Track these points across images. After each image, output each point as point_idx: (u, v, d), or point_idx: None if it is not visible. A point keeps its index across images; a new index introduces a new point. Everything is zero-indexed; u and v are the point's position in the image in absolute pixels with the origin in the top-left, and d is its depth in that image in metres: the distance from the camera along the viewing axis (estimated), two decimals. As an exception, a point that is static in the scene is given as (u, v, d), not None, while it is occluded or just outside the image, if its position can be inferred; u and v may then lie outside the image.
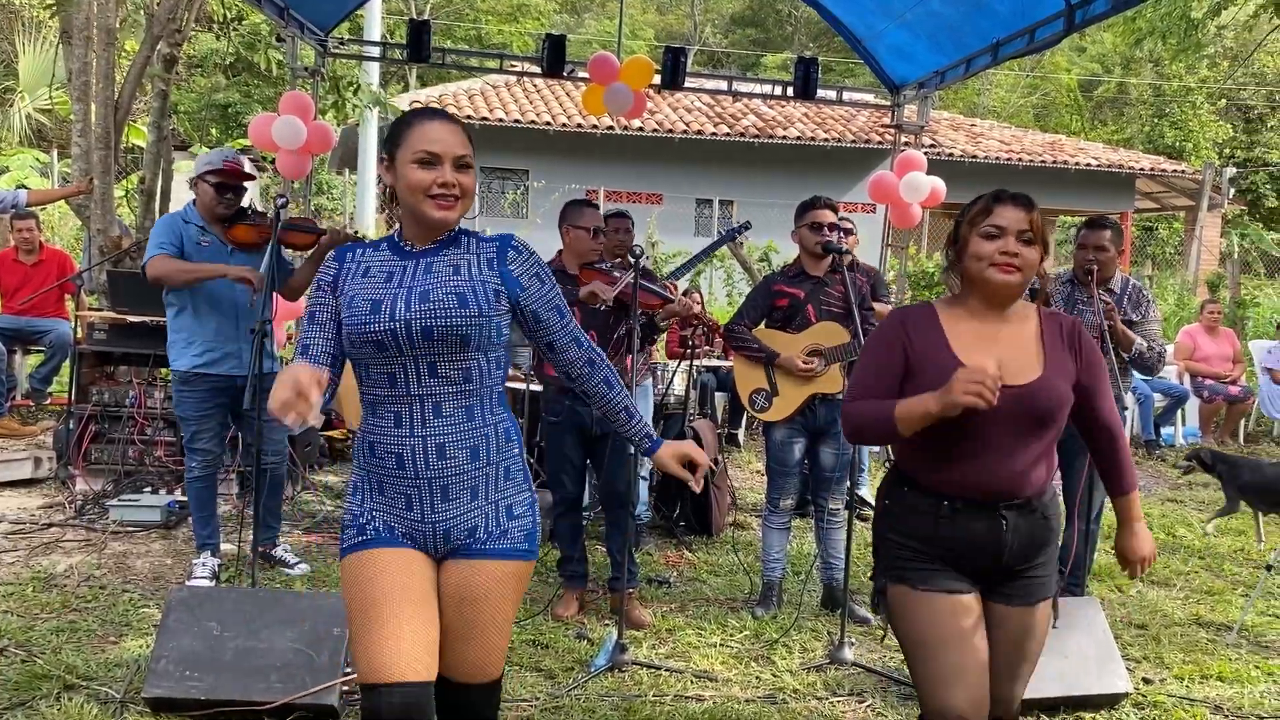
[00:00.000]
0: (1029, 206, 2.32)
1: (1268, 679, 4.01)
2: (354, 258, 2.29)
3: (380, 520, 2.23)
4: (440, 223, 2.21)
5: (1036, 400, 2.30)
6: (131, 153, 15.03)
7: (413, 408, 2.18)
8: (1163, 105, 27.51)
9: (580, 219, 4.44)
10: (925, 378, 2.30)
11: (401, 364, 2.18)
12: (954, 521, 2.33)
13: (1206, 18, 14.84)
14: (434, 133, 2.18)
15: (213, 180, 4.46)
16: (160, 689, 3.24)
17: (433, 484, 2.19)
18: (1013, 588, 2.37)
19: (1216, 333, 9.79)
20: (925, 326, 2.37)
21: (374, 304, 2.18)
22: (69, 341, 6.95)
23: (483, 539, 2.23)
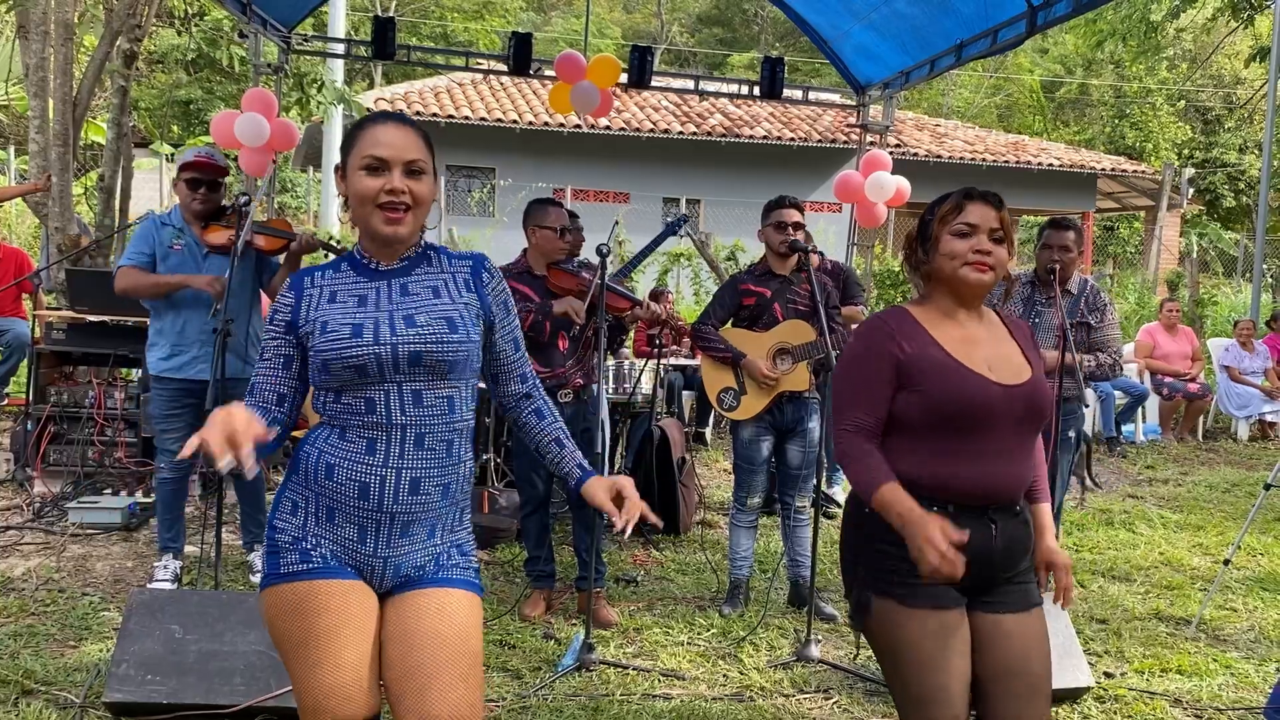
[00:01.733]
0: (999, 204, 2.30)
1: (1226, 672, 4.08)
2: (313, 283, 2.12)
3: (325, 549, 2.05)
4: (389, 237, 2.06)
5: (1035, 399, 2.27)
6: (91, 150, 14.83)
7: (392, 436, 2.03)
8: (1123, 106, 27.91)
9: (546, 219, 4.43)
10: (927, 384, 2.22)
11: (383, 390, 2.03)
12: None
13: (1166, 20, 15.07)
14: (383, 136, 2.03)
15: (185, 176, 4.41)
16: (121, 693, 3.19)
17: (395, 518, 2.04)
18: (1002, 595, 2.28)
19: (1175, 331, 9.94)
20: (911, 332, 2.28)
21: (355, 329, 2.03)
22: (27, 341, 6.84)
23: (433, 571, 2.09)
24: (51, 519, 5.39)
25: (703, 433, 8.46)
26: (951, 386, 2.20)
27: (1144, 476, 8.09)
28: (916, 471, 2.23)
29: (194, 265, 4.38)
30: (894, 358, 2.25)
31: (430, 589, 2.07)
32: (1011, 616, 2.27)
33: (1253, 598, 5.04)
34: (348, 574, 2.05)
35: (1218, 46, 24.74)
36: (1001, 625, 2.26)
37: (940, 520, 2.11)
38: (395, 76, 24.12)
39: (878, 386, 2.26)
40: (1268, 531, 6.26)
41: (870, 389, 2.27)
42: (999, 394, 2.22)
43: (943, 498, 2.22)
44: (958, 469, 2.21)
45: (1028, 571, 2.34)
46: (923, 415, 2.23)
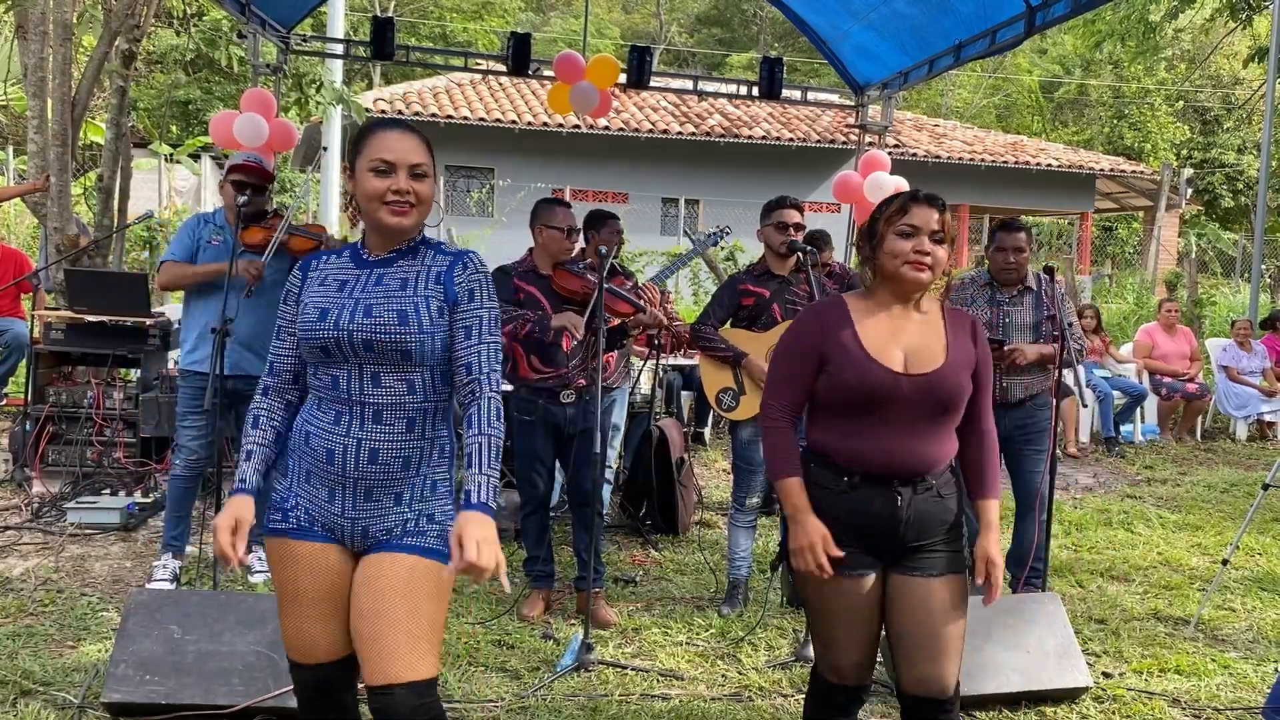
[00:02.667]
0: (942, 207, 2.47)
1: (1224, 672, 4.08)
2: (317, 266, 2.37)
3: (302, 508, 2.30)
4: (395, 228, 2.27)
5: (939, 387, 2.46)
6: (90, 150, 14.82)
7: (353, 410, 2.25)
8: (1122, 107, 27.93)
9: (554, 219, 4.42)
10: (835, 367, 2.47)
11: (346, 370, 2.25)
12: (853, 495, 2.48)
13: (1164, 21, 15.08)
14: (390, 142, 2.25)
15: (233, 178, 4.49)
16: (119, 693, 3.19)
17: (358, 484, 2.25)
18: (914, 560, 2.51)
19: (1174, 331, 9.94)
20: (837, 319, 2.51)
21: (321, 312, 2.26)
22: (25, 341, 6.84)
23: (398, 535, 2.27)
24: (50, 519, 5.38)
25: (701, 433, 8.46)
26: (852, 372, 2.45)
27: (1142, 476, 8.09)
28: (832, 443, 2.52)
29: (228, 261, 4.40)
30: (815, 345, 2.51)
31: (387, 553, 2.26)
32: (922, 579, 2.50)
33: (1251, 598, 5.04)
34: (316, 535, 2.29)
35: (1216, 47, 24.76)
36: (911, 586, 2.50)
37: (822, 530, 2.44)
38: (394, 77, 24.12)
39: (801, 369, 2.54)
40: (1266, 531, 6.26)
41: (794, 373, 2.55)
42: (896, 382, 2.44)
43: (850, 467, 2.49)
44: (862, 444, 2.47)
45: (945, 541, 2.53)
46: (831, 396, 2.50)
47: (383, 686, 2.17)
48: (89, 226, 8.58)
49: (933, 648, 2.48)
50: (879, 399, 2.44)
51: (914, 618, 2.49)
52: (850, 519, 2.49)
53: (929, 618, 2.48)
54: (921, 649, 2.48)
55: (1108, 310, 14.07)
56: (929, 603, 2.48)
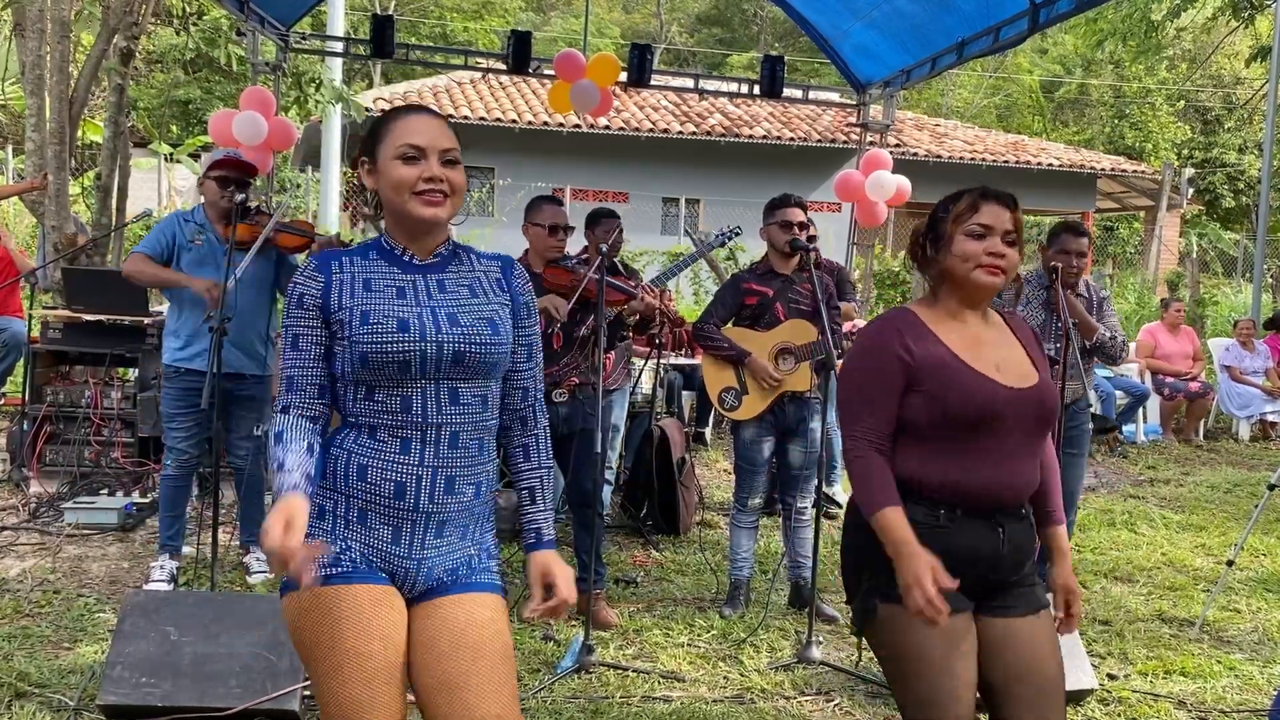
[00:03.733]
0: (1014, 205, 2.25)
1: (1230, 673, 4.05)
2: (341, 267, 2.06)
3: (356, 551, 2.00)
4: (429, 221, 2.02)
5: (1044, 402, 2.25)
6: (89, 149, 14.80)
7: (427, 435, 2.00)
8: (1123, 107, 27.91)
9: (538, 215, 4.40)
10: (932, 385, 2.19)
11: (420, 388, 2.00)
12: (953, 532, 2.20)
13: (1166, 20, 15.06)
14: (417, 125, 2.02)
15: (215, 174, 4.44)
16: (115, 696, 3.16)
17: (431, 518, 2.02)
18: (1010, 598, 2.26)
19: (1177, 331, 9.91)
20: (918, 333, 2.24)
21: (401, 322, 1.99)
22: (23, 340, 6.81)
23: (465, 575, 2.07)
24: (47, 519, 5.35)
25: (702, 433, 8.43)
26: (959, 388, 2.17)
27: (1145, 477, 8.06)
28: (922, 474, 2.21)
29: (214, 260, 4.36)
30: (902, 361, 2.21)
31: (464, 594, 2.04)
32: (1020, 620, 2.25)
33: (1256, 599, 5.01)
34: (379, 579, 2.00)
35: (1217, 46, 24.74)
36: (1011, 629, 2.24)
37: (932, 561, 2.08)
38: (394, 76, 24.10)
39: (886, 393, 2.22)
40: (1270, 532, 6.23)
41: (879, 396, 2.23)
42: (1007, 396, 2.19)
43: (949, 500, 2.20)
44: (964, 472, 2.19)
45: (1033, 574, 2.31)
46: (929, 417, 2.19)
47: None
48: (87, 225, 8.55)
49: (1048, 691, 2.23)
50: (986, 418, 2.16)
51: (1024, 662, 2.21)
52: (947, 558, 2.13)
53: (1040, 659, 2.22)
54: (1038, 694, 2.21)
55: (1109, 310, 14.03)
56: (1032, 642, 2.23)
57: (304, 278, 2.05)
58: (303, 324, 2.03)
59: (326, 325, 2.02)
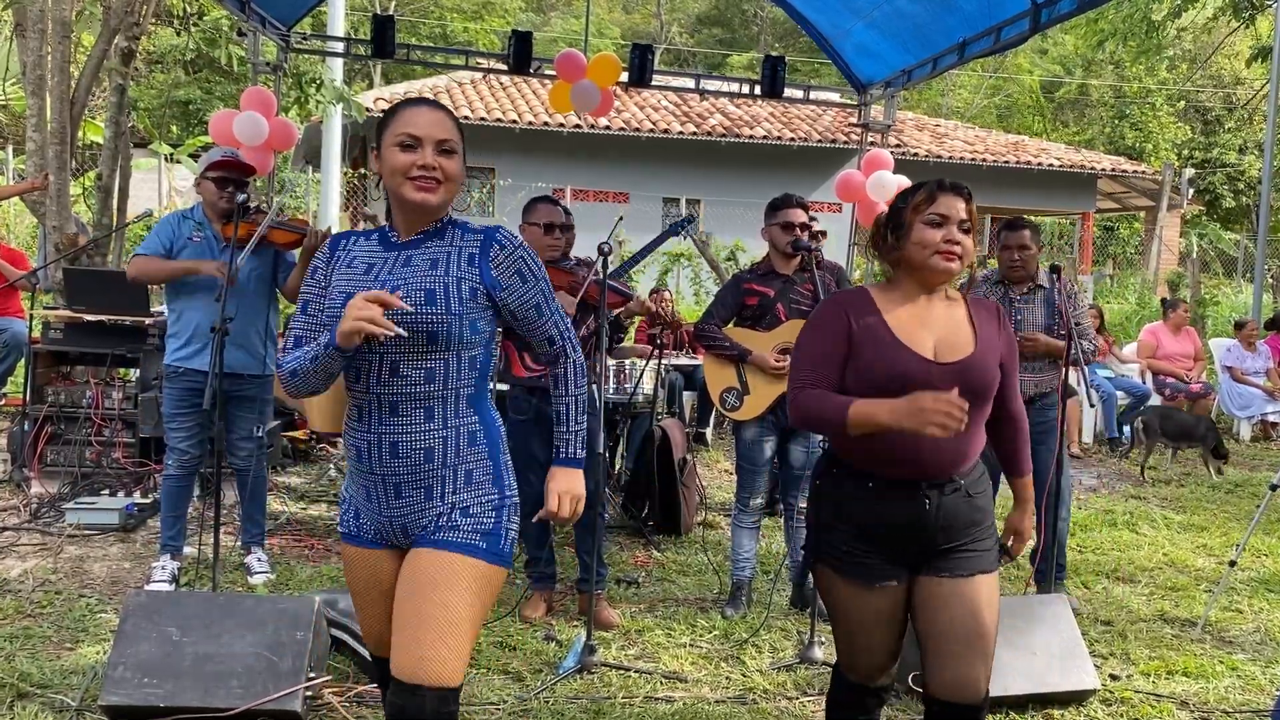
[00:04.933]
0: (967, 196, 2.41)
1: (1232, 674, 4.04)
2: (344, 246, 2.31)
3: (354, 511, 2.33)
4: (420, 204, 2.19)
5: (971, 375, 2.37)
6: (89, 149, 14.80)
7: (371, 404, 2.20)
8: (1123, 107, 27.91)
9: (533, 215, 4.40)
10: (865, 358, 2.37)
11: (367, 360, 2.19)
12: (878, 501, 2.39)
13: (1167, 20, 15.06)
14: (416, 117, 2.19)
15: (213, 175, 4.43)
16: (117, 696, 3.16)
17: (385, 480, 2.22)
18: (945, 562, 2.42)
19: (1179, 332, 9.91)
20: (863, 309, 2.43)
21: (346, 297, 2.18)
22: (24, 341, 6.81)
23: (430, 530, 2.22)
24: (49, 520, 5.35)
25: (703, 433, 8.43)
26: (883, 359, 2.36)
27: (1146, 477, 8.05)
28: (851, 445, 2.40)
29: (211, 257, 4.39)
30: (845, 332, 2.40)
31: (422, 549, 2.22)
32: (951, 580, 2.42)
33: (1258, 599, 5.01)
34: (365, 540, 2.32)
35: (1218, 47, 24.73)
36: (941, 588, 2.42)
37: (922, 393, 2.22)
38: (394, 76, 24.11)
39: (828, 353, 2.42)
40: (1272, 532, 6.22)
41: (821, 354, 2.43)
42: (929, 370, 2.34)
43: (873, 471, 2.39)
44: (888, 443, 2.32)
45: (976, 541, 2.45)
46: (858, 385, 2.38)
47: (410, 685, 2.11)
48: (88, 226, 8.55)
49: (962, 650, 2.39)
50: (909, 389, 2.28)
51: (943, 620, 2.40)
52: (875, 525, 2.41)
53: (958, 619, 2.39)
54: (950, 652, 2.40)
55: (1109, 310, 14.04)
56: (958, 604, 2.40)
57: (320, 252, 2.33)
58: (310, 293, 2.30)
59: (325, 295, 2.28)
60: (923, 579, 2.44)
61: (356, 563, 2.33)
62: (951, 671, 2.40)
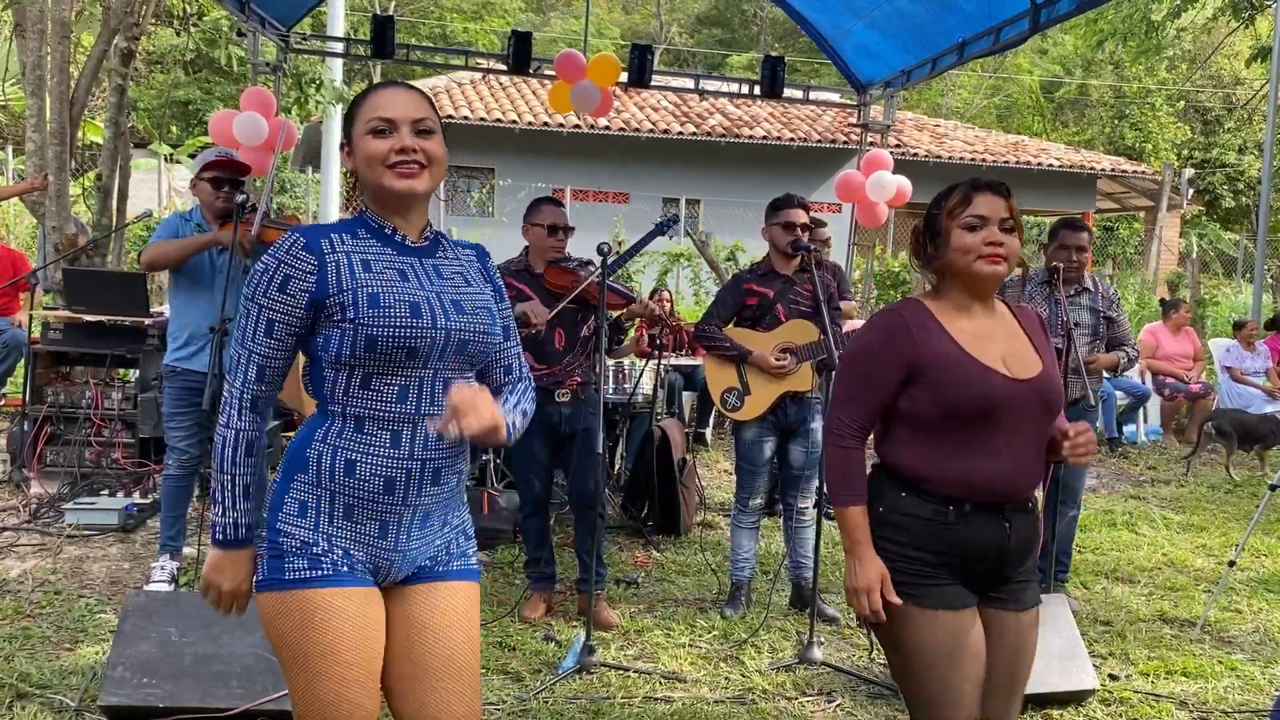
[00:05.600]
0: (1006, 193, 2.25)
1: (1231, 674, 4.04)
2: (334, 248, 1.95)
3: (339, 549, 1.94)
4: (406, 193, 1.95)
5: (1047, 391, 2.24)
6: (89, 149, 14.80)
7: (417, 428, 1.95)
8: (1123, 107, 27.90)
9: (537, 216, 4.40)
10: (938, 377, 2.18)
11: (419, 378, 1.95)
12: (961, 526, 2.19)
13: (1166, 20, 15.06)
14: (386, 99, 1.96)
15: (208, 175, 4.42)
16: (117, 697, 3.16)
17: (416, 511, 1.98)
18: (1008, 592, 2.28)
19: (1179, 332, 9.91)
20: (926, 326, 2.24)
21: (414, 307, 1.93)
22: (23, 341, 6.80)
23: (445, 561, 2.06)
24: (48, 520, 5.35)
25: (703, 433, 8.43)
26: (966, 382, 2.17)
27: (1146, 477, 8.06)
28: (929, 468, 2.21)
29: (210, 255, 4.37)
30: (906, 355, 2.21)
31: (440, 584, 2.04)
32: (1010, 614, 2.28)
33: (1257, 599, 5.01)
34: (357, 580, 1.95)
35: (1218, 47, 24.73)
36: (1000, 622, 2.27)
37: (881, 571, 2.18)
38: (394, 77, 24.09)
39: (882, 385, 2.23)
40: (1271, 533, 6.22)
41: (874, 386, 2.24)
42: (1013, 388, 2.19)
43: (957, 495, 2.19)
44: (973, 466, 2.18)
45: (1033, 569, 2.34)
46: (936, 411, 2.18)
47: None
48: (87, 226, 8.55)
49: (1011, 687, 2.27)
50: (993, 411, 2.16)
51: (1002, 656, 2.25)
52: (954, 553, 2.20)
53: (1016, 656, 2.26)
54: (1001, 688, 2.26)
55: (1109, 310, 14.02)
56: (1018, 640, 2.27)
57: (289, 256, 1.91)
58: (281, 310, 1.92)
59: (314, 309, 1.92)
60: (987, 611, 2.27)
61: (341, 612, 1.90)
62: (995, 708, 2.26)
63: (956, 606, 2.19)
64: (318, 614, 1.90)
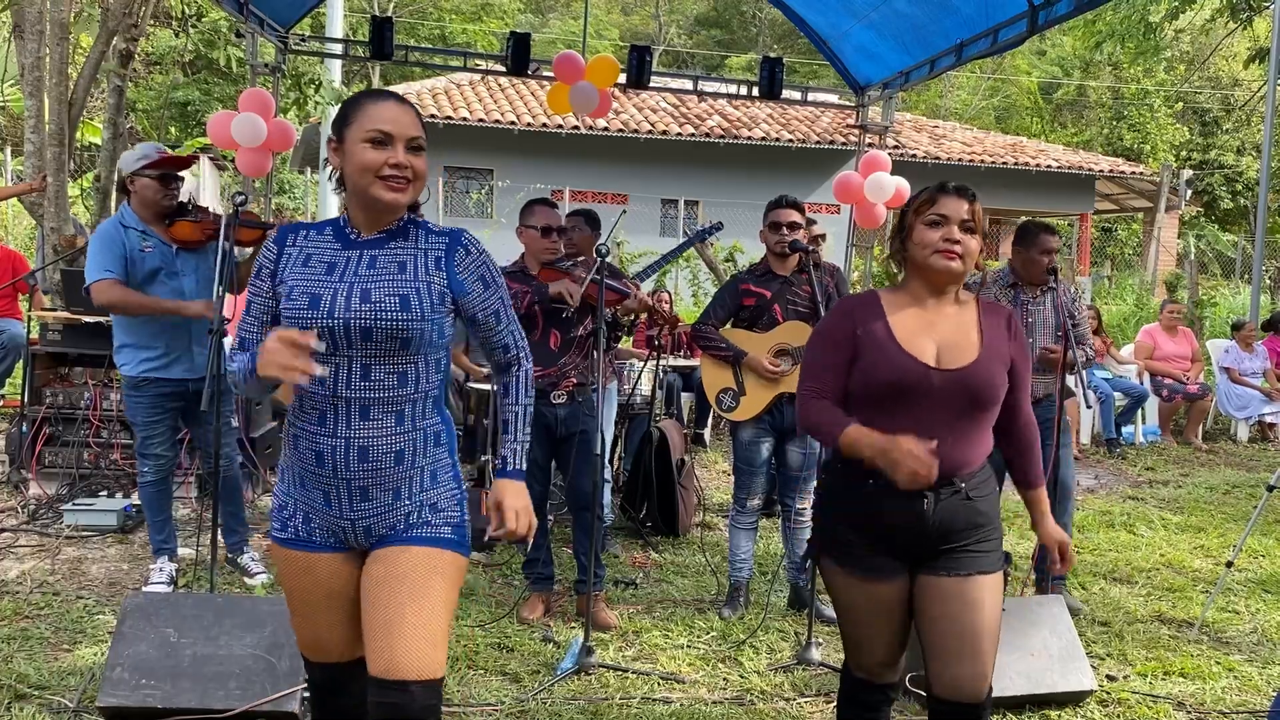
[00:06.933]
0: (971, 197, 2.42)
1: (1229, 674, 4.05)
2: (295, 241, 2.22)
3: (301, 515, 2.23)
4: (390, 205, 2.13)
5: (972, 382, 2.39)
6: (88, 150, 14.81)
7: (338, 409, 2.13)
8: (1121, 108, 27.92)
9: (531, 218, 4.40)
10: (866, 358, 2.42)
11: (335, 363, 2.12)
12: (878, 499, 2.40)
13: (1164, 21, 15.08)
14: (387, 113, 2.11)
15: (153, 174, 4.28)
16: (115, 698, 3.16)
17: (351, 484, 2.16)
18: (943, 561, 2.44)
19: (1176, 333, 9.92)
20: (870, 312, 2.47)
21: (313, 299, 2.12)
22: (22, 342, 6.80)
23: (403, 529, 2.20)
24: (46, 521, 5.35)
25: (701, 434, 8.43)
26: (883, 365, 2.39)
27: (1144, 478, 8.07)
28: None
29: (171, 265, 4.31)
30: (849, 333, 2.46)
31: (394, 546, 2.18)
32: (950, 579, 2.43)
33: (1255, 600, 5.02)
34: (314, 544, 2.23)
35: (1216, 48, 24.76)
36: (940, 587, 2.44)
37: (907, 437, 2.29)
38: (393, 77, 24.10)
39: (835, 358, 2.47)
40: (1269, 533, 6.23)
41: (827, 360, 2.49)
42: (928, 376, 2.38)
43: (874, 470, 2.37)
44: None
45: (978, 543, 2.46)
46: (860, 389, 2.44)
47: (396, 682, 2.07)
48: (86, 227, 8.54)
49: (963, 648, 2.40)
50: (908, 394, 2.37)
51: (942, 618, 2.42)
52: (873, 521, 2.44)
53: (957, 617, 2.40)
54: (950, 649, 2.41)
55: (1107, 311, 14.06)
56: (957, 603, 2.41)
57: (264, 249, 2.24)
58: (256, 292, 2.23)
59: (274, 294, 2.20)
60: (923, 577, 2.46)
61: (303, 568, 2.23)
62: (952, 670, 2.41)
63: (873, 576, 2.46)
64: (286, 566, 2.27)
